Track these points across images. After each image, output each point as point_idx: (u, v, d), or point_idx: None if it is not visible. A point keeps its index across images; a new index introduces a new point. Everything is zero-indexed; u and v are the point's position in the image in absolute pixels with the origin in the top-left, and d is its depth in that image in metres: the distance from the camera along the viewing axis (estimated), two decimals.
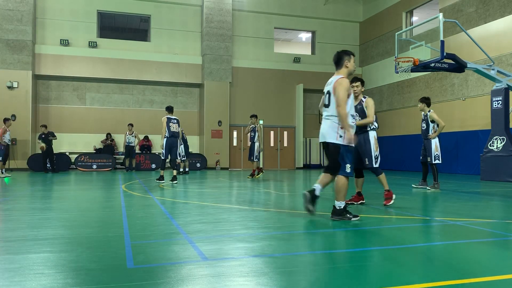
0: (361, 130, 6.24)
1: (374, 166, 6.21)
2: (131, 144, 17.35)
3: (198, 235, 4.05)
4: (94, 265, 2.97)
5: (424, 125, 9.12)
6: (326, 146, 4.91)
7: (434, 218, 5.25)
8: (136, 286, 2.52)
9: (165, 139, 10.42)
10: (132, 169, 17.51)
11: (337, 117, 4.75)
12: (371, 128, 6.33)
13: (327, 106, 4.95)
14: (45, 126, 16.26)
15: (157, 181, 10.60)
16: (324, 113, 4.98)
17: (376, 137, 6.34)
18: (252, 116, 13.03)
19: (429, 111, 8.99)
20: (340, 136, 4.75)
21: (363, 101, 6.25)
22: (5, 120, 14.32)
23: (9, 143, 14.28)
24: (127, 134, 17.42)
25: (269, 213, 5.62)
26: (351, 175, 4.96)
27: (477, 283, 2.61)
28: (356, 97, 6.20)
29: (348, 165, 4.81)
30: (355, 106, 6.17)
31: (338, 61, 5.09)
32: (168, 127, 10.38)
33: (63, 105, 18.80)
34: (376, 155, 6.23)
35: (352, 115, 4.92)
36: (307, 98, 21.90)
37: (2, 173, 13.88)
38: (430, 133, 8.96)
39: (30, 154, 17.29)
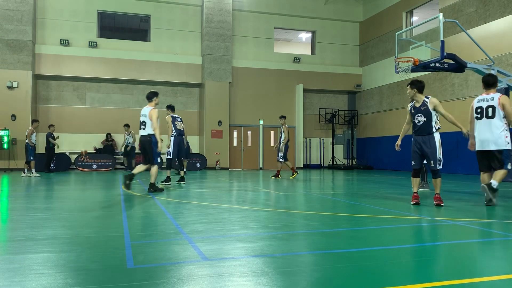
0: (426, 132, 6.19)
1: (438, 167, 6.17)
2: (130, 145, 17.29)
3: (198, 235, 4.05)
4: (94, 265, 2.97)
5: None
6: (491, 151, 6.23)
7: (434, 218, 5.25)
8: (136, 286, 2.52)
9: (173, 137, 10.07)
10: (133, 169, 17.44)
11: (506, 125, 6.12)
12: (437, 129, 6.24)
13: (491, 117, 6.20)
14: (53, 126, 16.23)
15: (163, 183, 9.80)
16: (483, 124, 6.26)
17: (439, 139, 6.27)
18: (280, 117, 13.25)
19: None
20: (508, 143, 6.18)
21: (426, 102, 6.23)
22: (33, 121, 14.45)
23: (36, 144, 14.29)
24: (126, 135, 17.38)
25: (270, 213, 5.62)
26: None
27: (477, 283, 2.61)
28: (415, 100, 6.31)
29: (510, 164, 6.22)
30: (419, 107, 6.22)
31: (495, 82, 6.58)
32: (174, 125, 10.10)
33: (63, 105, 18.79)
34: (440, 157, 6.19)
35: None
36: (307, 98, 21.90)
37: (32, 173, 13.88)
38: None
39: None
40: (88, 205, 6.72)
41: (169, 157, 10.21)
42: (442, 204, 6.17)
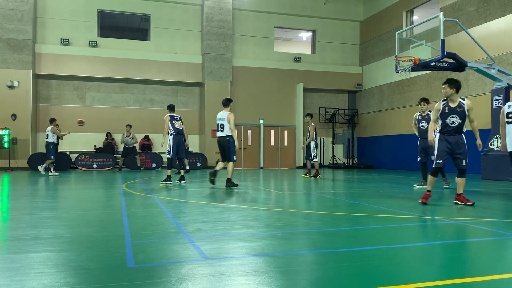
0: (458, 132, 6.21)
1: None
2: (130, 146, 17.02)
3: (198, 234, 4.05)
4: (95, 264, 2.97)
5: (425, 124, 9.17)
6: None
7: (434, 217, 5.25)
8: (137, 285, 2.52)
9: (171, 136, 10.12)
10: (138, 168, 17.39)
11: None
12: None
13: None
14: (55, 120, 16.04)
15: (163, 182, 9.91)
16: None
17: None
18: (305, 116, 13.30)
19: (430, 111, 9.18)
20: None
21: (463, 104, 6.18)
22: (52, 120, 14.27)
23: (53, 142, 14.06)
24: (124, 135, 17.11)
25: (270, 212, 5.62)
26: None
27: (477, 283, 2.61)
28: (450, 99, 6.23)
29: None
30: (454, 108, 6.16)
31: None
32: (172, 124, 10.15)
33: (63, 105, 18.79)
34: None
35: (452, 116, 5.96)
36: (307, 97, 21.89)
37: (51, 172, 13.79)
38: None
39: (31, 153, 17.28)
40: (89, 204, 6.73)
41: (169, 156, 10.22)
42: (471, 203, 6.11)
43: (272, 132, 21.31)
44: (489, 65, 12.11)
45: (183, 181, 10.23)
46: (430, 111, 9.20)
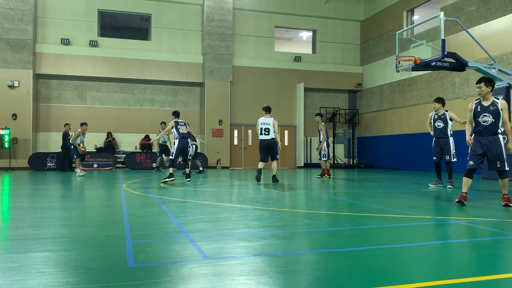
0: (492, 132, 6.09)
1: (506, 168, 6.11)
2: (165, 144, 16.63)
3: (199, 234, 4.05)
4: (95, 264, 2.97)
5: (441, 123, 9.15)
6: None
7: (435, 217, 5.25)
8: (137, 285, 2.52)
9: (177, 140, 10.79)
10: (168, 167, 17.10)
11: None
12: (502, 131, 6.17)
13: None
14: (69, 125, 15.77)
15: (167, 179, 10.42)
16: None
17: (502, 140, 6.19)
18: (316, 115, 13.30)
19: (446, 111, 9.18)
20: None
21: (497, 103, 6.08)
22: (82, 124, 13.65)
23: (80, 145, 13.53)
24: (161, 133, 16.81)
25: (270, 212, 5.62)
26: None
27: (477, 282, 2.61)
28: (484, 98, 6.15)
29: None
30: (487, 107, 6.08)
31: None
32: (177, 130, 10.83)
33: (64, 104, 18.81)
34: (506, 157, 6.10)
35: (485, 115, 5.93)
36: (307, 97, 21.89)
37: (77, 171, 13.39)
38: (449, 130, 9.09)
39: (31, 153, 17.29)
40: (89, 204, 6.73)
41: (171, 157, 10.90)
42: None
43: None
44: (489, 64, 12.09)
45: (188, 179, 10.86)
46: (446, 111, 9.18)
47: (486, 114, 6.08)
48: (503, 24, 14.34)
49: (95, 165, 17.57)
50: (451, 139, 9.18)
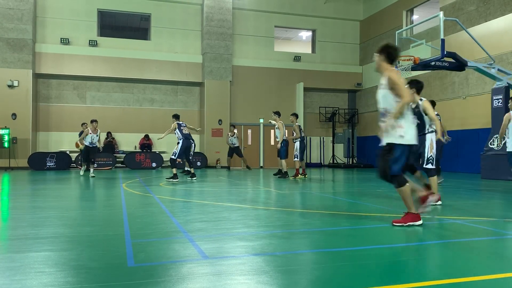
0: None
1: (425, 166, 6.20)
2: (234, 146, 16.60)
3: (198, 233, 4.06)
4: (95, 264, 2.98)
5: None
6: None
7: (434, 216, 5.25)
8: (137, 284, 2.52)
9: (181, 141, 11.12)
10: (248, 167, 17.19)
11: None
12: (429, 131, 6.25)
13: None
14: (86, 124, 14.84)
15: (171, 179, 10.67)
16: None
17: (433, 139, 6.29)
18: (291, 115, 13.17)
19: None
20: None
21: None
22: (92, 121, 13.09)
23: (89, 146, 13.02)
24: (229, 135, 16.69)
25: (270, 211, 5.62)
26: None
27: (477, 282, 2.61)
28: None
29: None
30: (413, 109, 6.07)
31: None
32: (181, 131, 11.22)
33: (63, 104, 18.79)
34: (429, 156, 6.19)
35: None
36: (307, 96, 21.89)
37: (90, 172, 13.02)
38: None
39: (31, 152, 17.28)
40: (89, 204, 6.73)
41: (172, 157, 11.20)
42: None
43: (272, 131, 21.28)
44: (489, 64, 12.11)
45: (194, 178, 11.32)
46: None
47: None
48: (503, 24, 14.34)
49: (95, 165, 17.52)
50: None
